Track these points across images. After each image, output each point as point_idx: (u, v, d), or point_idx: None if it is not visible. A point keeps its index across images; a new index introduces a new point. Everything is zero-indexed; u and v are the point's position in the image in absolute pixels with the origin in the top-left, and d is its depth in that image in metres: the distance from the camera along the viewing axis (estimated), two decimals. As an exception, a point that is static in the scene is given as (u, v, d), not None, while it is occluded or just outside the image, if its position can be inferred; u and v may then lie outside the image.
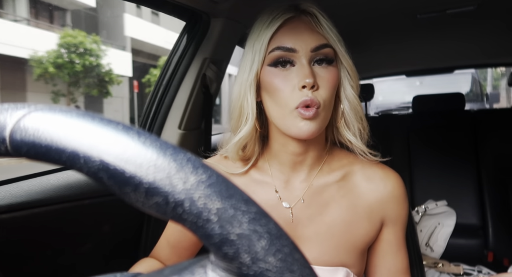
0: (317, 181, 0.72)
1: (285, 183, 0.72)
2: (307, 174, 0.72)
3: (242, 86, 0.69)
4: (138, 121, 1.96)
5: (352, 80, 0.70)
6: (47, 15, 13.21)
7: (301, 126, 0.63)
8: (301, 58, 0.64)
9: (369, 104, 2.92)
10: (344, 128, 0.70)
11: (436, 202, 2.03)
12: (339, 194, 0.71)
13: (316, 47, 0.65)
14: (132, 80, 14.51)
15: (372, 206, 0.71)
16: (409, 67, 2.73)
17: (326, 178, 0.72)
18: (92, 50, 11.96)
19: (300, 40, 0.65)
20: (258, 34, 0.67)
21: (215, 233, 0.20)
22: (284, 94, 0.64)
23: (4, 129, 0.22)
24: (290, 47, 0.64)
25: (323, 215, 0.70)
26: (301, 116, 0.63)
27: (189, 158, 0.21)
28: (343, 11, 1.33)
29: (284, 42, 0.65)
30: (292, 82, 0.64)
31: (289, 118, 0.64)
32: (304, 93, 0.62)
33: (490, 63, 2.94)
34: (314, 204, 0.71)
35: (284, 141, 0.69)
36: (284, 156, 0.71)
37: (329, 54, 0.66)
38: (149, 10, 13.93)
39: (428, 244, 1.93)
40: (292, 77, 0.64)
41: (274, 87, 0.65)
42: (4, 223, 0.81)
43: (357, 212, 0.70)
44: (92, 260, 1.00)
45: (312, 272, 0.21)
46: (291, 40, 0.65)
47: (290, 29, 0.66)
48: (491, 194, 2.04)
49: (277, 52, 0.65)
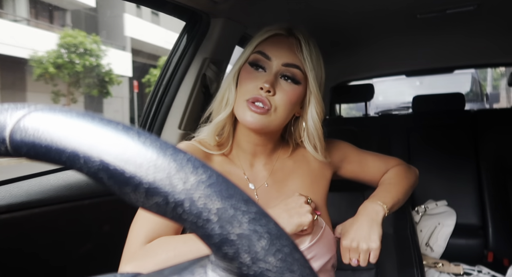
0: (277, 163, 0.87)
1: (250, 167, 0.85)
2: (266, 159, 0.86)
3: (229, 77, 0.83)
4: (138, 121, 1.96)
5: (317, 105, 0.83)
6: (47, 15, 13.20)
7: (246, 115, 0.75)
8: (272, 67, 0.78)
9: (369, 104, 2.92)
10: (306, 141, 0.86)
11: (436, 202, 2.03)
12: (295, 165, 0.88)
13: (287, 64, 0.78)
14: (132, 80, 14.49)
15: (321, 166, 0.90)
16: (409, 67, 2.73)
17: (283, 157, 0.88)
18: (92, 50, 11.95)
19: (277, 53, 0.78)
20: (253, 39, 0.82)
21: (215, 233, 0.20)
22: (246, 88, 0.77)
23: (4, 129, 0.22)
24: (267, 55, 0.79)
25: (288, 186, 0.85)
26: (248, 108, 0.75)
27: (189, 158, 0.21)
28: (343, 11, 1.33)
29: (265, 50, 0.79)
30: (257, 82, 0.77)
31: (241, 107, 0.77)
32: (259, 93, 0.76)
33: (490, 63, 2.93)
34: (279, 178, 0.85)
35: (246, 131, 0.82)
36: (245, 145, 0.84)
37: (296, 74, 0.79)
38: (149, 10, 13.93)
39: (428, 244, 1.92)
40: (260, 78, 0.77)
41: (244, 81, 0.79)
42: (4, 223, 0.81)
43: (312, 175, 0.88)
44: (92, 260, 1.00)
45: (312, 272, 0.21)
46: (271, 50, 0.79)
47: (275, 42, 0.80)
48: (491, 194, 2.04)
49: (257, 55, 0.79)
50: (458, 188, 2.09)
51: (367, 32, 1.67)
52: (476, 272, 1.71)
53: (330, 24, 1.43)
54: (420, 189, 2.17)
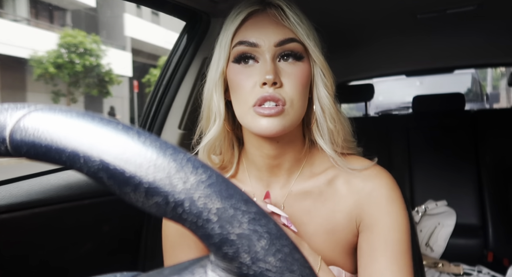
0: (297, 186, 0.67)
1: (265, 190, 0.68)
2: (286, 179, 0.68)
3: (210, 85, 0.66)
4: (138, 121, 1.96)
5: (326, 78, 0.65)
6: (47, 15, 13.20)
7: (262, 124, 0.59)
8: (264, 53, 0.61)
9: (369, 104, 2.92)
10: (315, 130, 0.66)
11: (436, 202, 2.03)
12: (320, 201, 0.66)
13: (280, 41, 0.61)
14: (132, 80, 14.49)
15: (351, 211, 0.65)
16: (409, 67, 2.72)
17: (307, 184, 0.67)
18: (92, 50, 11.95)
19: (263, 34, 0.61)
20: (224, 30, 0.65)
21: (215, 233, 0.20)
22: (245, 91, 0.61)
23: (4, 129, 0.22)
24: (252, 42, 0.61)
25: (305, 225, 0.66)
26: (258, 114, 0.59)
27: (189, 158, 0.21)
28: (343, 11, 1.33)
29: (246, 37, 0.62)
30: (253, 78, 0.61)
31: (248, 116, 0.61)
32: (264, 90, 0.59)
33: (490, 63, 2.93)
34: (295, 212, 0.67)
35: (258, 142, 0.65)
36: (260, 160, 0.67)
37: (296, 48, 0.62)
38: (149, 10, 13.93)
39: (428, 244, 1.92)
40: (255, 73, 0.61)
41: (237, 84, 0.62)
42: (4, 223, 0.81)
43: (337, 219, 0.66)
44: (92, 260, 1.00)
45: (312, 272, 0.21)
46: (254, 34, 0.61)
47: (253, 23, 0.63)
48: (491, 194, 2.04)
49: (240, 47, 0.62)
50: (458, 188, 2.09)
51: (367, 32, 1.66)
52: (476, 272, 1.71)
53: (330, 24, 1.43)
54: (420, 189, 2.17)
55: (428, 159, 2.19)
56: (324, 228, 0.66)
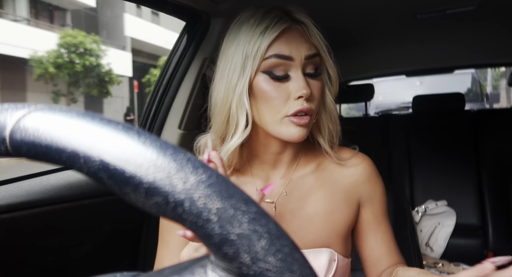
0: (296, 174, 0.76)
1: (266, 181, 0.75)
2: (286, 169, 0.76)
3: (230, 91, 0.68)
4: (138, 121, 1.96)
5: (332, 85, 0.73)
6: (47, 15, 13.20)
7: (294, 132, 0.66)
8: (297, 67, 0.66)
9: (369, 104, 2.92)
10: (316, 130, 0.74)
11: (436, 202, 2.03)
12: (317, 184, 0.75)
13: (309, 55, 0.67)
14: (132, 80, 14.50)
15: (349, 190, 0.76)
16: (409, 67, 2.73)
17: (303, 171, 0.76)
18: (92, 50, 11.96)
19: (295, 48, 0.67)
20: (251, 39, 0.67)
21: (215, 233, 0.20)
22: (279, 102, 0.66)
23: (4, 129, 0.22)
24: (287, 55, 0.66)
25: (305, 208, 0.74)
26: (294, 124, 0.66)
27: (189, 158, 0.21)
28: (343, 11, 1.33)
29: (281, 50, 0.66)
30: (286, 91, 0.66)
31: (281, 124, 0.67)
32: (299, 103, 0.66)
33: (490, 63, 2.94)
34: (295, 197, 0.75)
35: (267, 142, 0.72)
36: (265, 155, 0.74)
37: (317, 63, 0.69)
38: (149, 10, 13.93)
39: (428, 244, 1.93)
40: (287, 86, 0.66)
41: (268, 95, 0.66)
42: (4, 223, 0.81)
43: (336, 199, 0.75)
44: (92, 260, 1.00)
45: (312, 272, 0.21)
46: (288, 48, 0.66)
47: (286, 37, 0.67)
48: (491, 194, 2.04)
49: (273, 60, 0.66)
50: (458, 188, 2.09)
51: (367, 32, 1.66)
52: (476, 272, 1.71)
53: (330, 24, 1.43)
54: (420, 189, 2.17)
55: (428, 159, 2.19)
56: (324, 210, 0.74)
